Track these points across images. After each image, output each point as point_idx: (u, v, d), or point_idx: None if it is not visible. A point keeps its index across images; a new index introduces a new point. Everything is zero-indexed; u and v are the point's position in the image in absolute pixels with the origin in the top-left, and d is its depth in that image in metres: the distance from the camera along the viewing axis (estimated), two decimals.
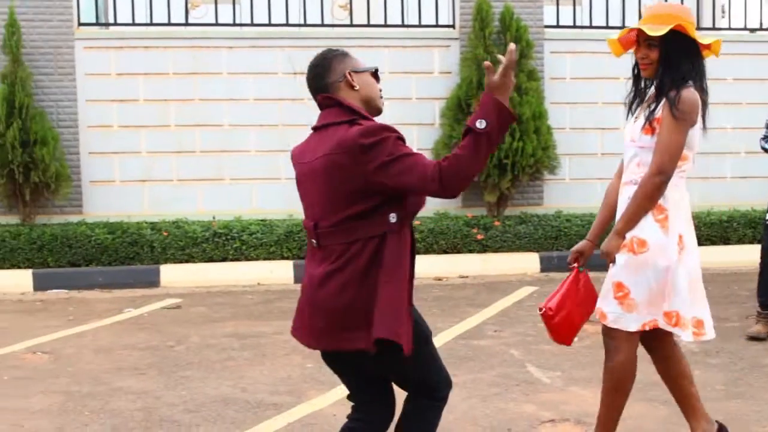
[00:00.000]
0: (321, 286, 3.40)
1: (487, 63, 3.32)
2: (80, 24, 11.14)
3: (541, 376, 6.16)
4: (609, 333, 4.25)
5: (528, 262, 10.73)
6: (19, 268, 10.18)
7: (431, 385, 3.58)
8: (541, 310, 4.42)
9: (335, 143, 3.34)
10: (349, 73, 3.50)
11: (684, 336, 4.14)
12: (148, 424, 5.27)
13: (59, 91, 10.88)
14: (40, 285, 10.03)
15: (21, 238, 10.21)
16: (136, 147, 11.11)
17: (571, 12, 12.02)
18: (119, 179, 11.12)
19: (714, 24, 12.50)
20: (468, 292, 9.47)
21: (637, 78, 4.36)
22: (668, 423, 5.11)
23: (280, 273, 10.31)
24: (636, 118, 4.29)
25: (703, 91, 4.19)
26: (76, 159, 10.93)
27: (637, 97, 4.36)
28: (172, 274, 10.25)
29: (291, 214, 10.97)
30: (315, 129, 3.55)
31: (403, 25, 11.78)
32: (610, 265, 4.20)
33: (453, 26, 11.64)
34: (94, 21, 11.87)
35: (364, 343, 3.34)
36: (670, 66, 4.14)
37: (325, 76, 3.53)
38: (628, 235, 4.14)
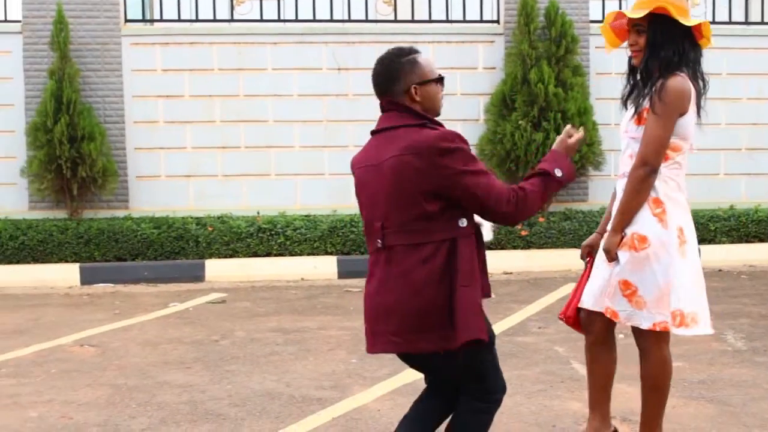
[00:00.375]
0: (393, 288, 3.44)
1: (570, 127, 3.75)
2: (127, 20, 11.23)
3: (586, 373, 6.11)
4: (635, 333, 4.23)
5: (572, 258, 10.60)
6: (67, 262, 10.29)
7: (489, 388, 3.64)
8: (561, 318, 4.44)
9: (408, 145, 3.40)
10: (414, 88, 3.53)
11: (699, 330, 4.10)
12: (194, 418, 5.30)
13: (106, 87, 10.99)
14: (86, 279, 10.14)
15: (68, 232, 10.32)
16: (181, 142, 11.20)
17: (617, 7, 11.92)
18: (165, 174, 11.21)
19: (762, 18, 12.33)
20: (512, 289, 9.44)
21: (632, 70, 4.30)
22: (716, 422, 5.05)
23: (323, 268, 10.34)
24: (630, 108, 4.24)
25: (696, 79, 4.12)
26: (123, 154, 11.04)
27: (633, 90, 4.28)
28: (216, 268, 10.31)
29: (335, 209, 11.00)
30: (376, 132, 3.59)
31: (447, 21, 11.75)
32: (612, 263, 4.16)
33: (498, 21, 11.59)
34: (140, 17, 11.97)
35: (434, 345, 3.42)
36: (655, 50, 4.09)
37: (390, 85, 3.55)
38: (628, 232, 4.08)
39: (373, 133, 3.61)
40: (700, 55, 4.17)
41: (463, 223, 3.44)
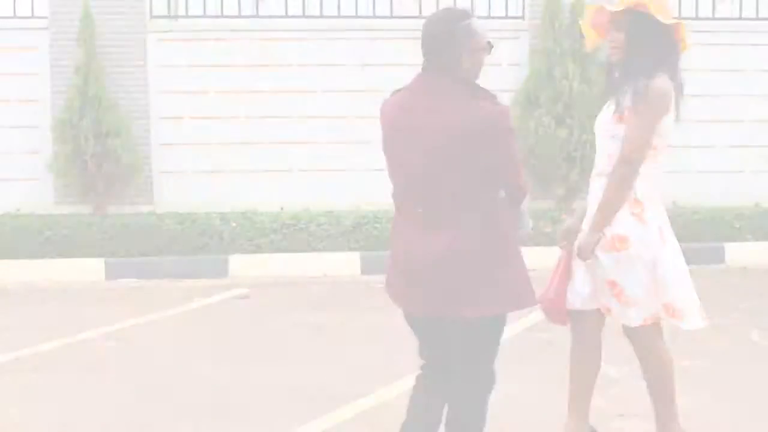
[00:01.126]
0: (434, 256, 3.47)
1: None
2: (152, 16, 11.27)
3: (609, 370, 6.07)
4: (627, 332, 4.24)
5: None
6: (92, 257, 10.33)
7: (487, 370, 3.74)
8: (542, 303, 4.40)
9: (468, 119, 3.40)
10: (464, 55, 3.52)
11: (690, 324, 4.11)
12: (218, 412, 5.32)
13: (131, 83, 11.02)
14: (111, 274, 10.17)
15: (93, 227, 10.36)
16: (206, 138, 11.21)
17: None
18: (189, 170, 11.23)
19: None
20: (535, 285, 9.38)
21: (611, 68, 4.28)
22: (740, 421, 5.03)
23: (347, 264, 10.33)
24: (608, 106, 4.21)
25: (674, 79, 4.10)
26: (148, 150, 11.07)
27: (611, 87, 4.27)
28: (240, 264, 10.32)
29: (359, 206, 10.99)
30: (416, 91, 3.54)
31: None
32: (588, 263, 4.15)
33: (522, 17, 11.55)
34: (166, 14, 11.99)
35: (470, 311, 3.50)
36: (634, 48, 4.06)
37: (442, 49, 3.53)
38: (608, 233, 4.07)
39: (412, 90, 3.56)
40: (679, 55, 4.15)
41: (502, 193, 3.51)
